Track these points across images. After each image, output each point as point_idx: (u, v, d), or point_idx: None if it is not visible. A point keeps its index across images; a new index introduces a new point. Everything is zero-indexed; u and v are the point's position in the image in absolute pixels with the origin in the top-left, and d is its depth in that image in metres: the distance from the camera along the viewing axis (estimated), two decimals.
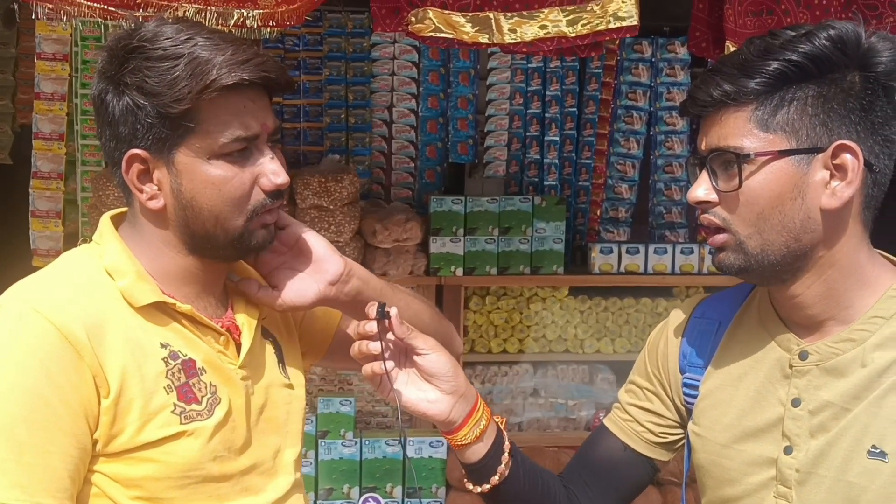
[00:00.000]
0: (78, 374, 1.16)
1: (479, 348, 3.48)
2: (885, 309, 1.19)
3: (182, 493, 1.22)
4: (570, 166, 3.65)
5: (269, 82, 1.24)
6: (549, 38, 2.16)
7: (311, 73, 3.50)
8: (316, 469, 3.24)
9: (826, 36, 1.14)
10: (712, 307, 1.39)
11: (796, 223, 1.17)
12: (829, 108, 1.15)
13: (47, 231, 3.31)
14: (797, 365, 1.22)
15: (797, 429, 1.21)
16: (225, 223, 1.24)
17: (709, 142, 1.20)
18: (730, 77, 1.17)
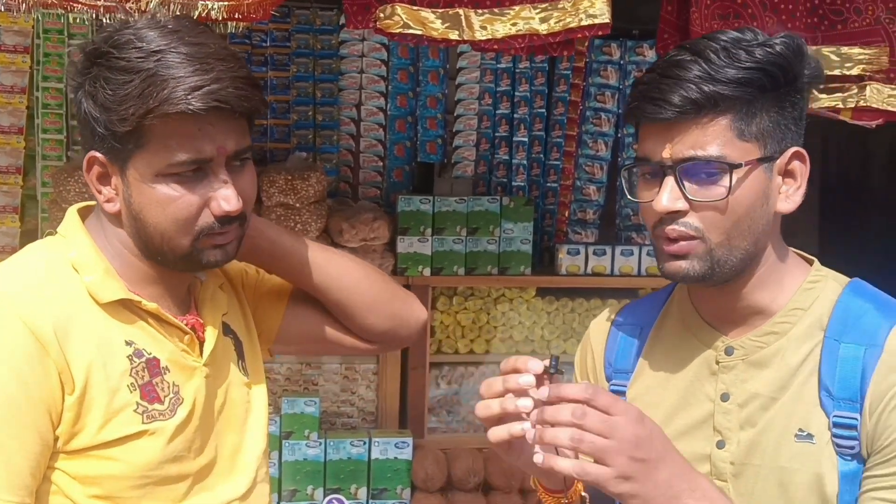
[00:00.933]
0: (43, 370, 1.15)
1: (446, 349, 3.47)
2: (802, 301, 1.24)
3: (140, 492, 1.21)
4: (539, 167, 3.65)
5: (221, 111, 1.17)
6: (521, 36, 2.15)
7: (279, 69, 3.46)
8: (280, 470, 3.21)
9: (783, 45, 1.18)
10: (632, 313, 1.40)
11: (759, 228, 1.21)
12: (786, 115, 1.20)
13: (3, 226, 3.25)
14: (723, 361, 1.26)
15: (727, 422, 1.25)
16: (170, 241, 1.22)
17: (678, 150, 1.18)
18: (707, 82, 1.16)
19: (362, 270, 1.46)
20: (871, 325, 1.19)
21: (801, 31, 2.33)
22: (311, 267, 1.41)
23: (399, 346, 1.52)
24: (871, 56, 2.29)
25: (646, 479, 1.09)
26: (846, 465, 1.17)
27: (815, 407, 1.19)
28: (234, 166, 1.23)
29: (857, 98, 2.32)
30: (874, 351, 1.17)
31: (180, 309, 1.31)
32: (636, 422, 1.09)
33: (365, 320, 1.46)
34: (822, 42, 2.33)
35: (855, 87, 2.33)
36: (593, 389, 1.10)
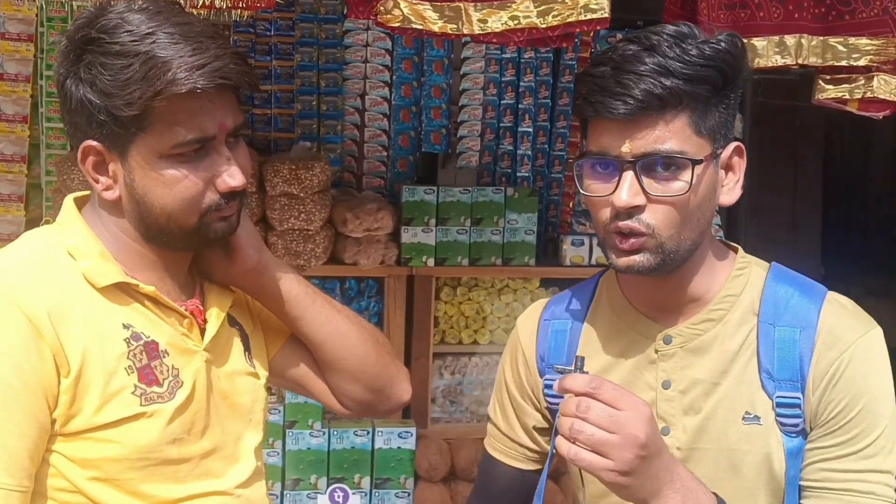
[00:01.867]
0: (38, 354, 1.15)
1: (449, 339, 3.47)
2: (733, 287, 1.28)
3: (139, 474, 1.21)
4: (543, 158, 3.64)
5: (226, 88, 1.21)
6: (520, 29, 2.15)
7: (283, 58, 3.45)
8: (283, 459, 3.22)
9: (729, 43, 1.19)
10: (560, 307, 1.40)
11: (706, 220, 1.25)
12: (730, 112, 1.24)
13: (8, 215, 3.25)
14: (662, 349, 1.28)
15: (671, 409, 1.27)
16: (178, 220, 1.23)
17: (639, 145, 1.17)
18: (667, 77, 1.15)
19: (359, 337, 1.43)
20: (801, 307, 1.25)
21: (808, 22, 2.32)
22: (308, 320, 1.39)
23: (374, 416, 1.53)
24: (878, 47, 2.28)
25: (642, 474, 1.10)
26: (790, 441, 1.23)
27: (757, 389, 1.24)
28: (231, 143, 1.25)
29: (865, 89, 2.32)
30: (809, 332, 1.23)
31: (182, 293, 1.32)
32: (646, 420, 1.10)
33: (346, 386, 1.44)
34: (830, 32, 2.32)
35: (862, 77, 2.32)
36: (598, 382, 1.11)
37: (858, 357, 1.22)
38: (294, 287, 1.39)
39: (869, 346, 1.23)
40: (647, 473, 1.11)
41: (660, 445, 1.13)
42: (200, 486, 1.27)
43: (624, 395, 1.12)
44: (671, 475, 1.13)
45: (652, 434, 1.11)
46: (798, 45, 2.30)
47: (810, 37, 2.31)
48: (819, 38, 2.31)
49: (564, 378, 1.13)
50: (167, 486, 1.24)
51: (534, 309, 1.45)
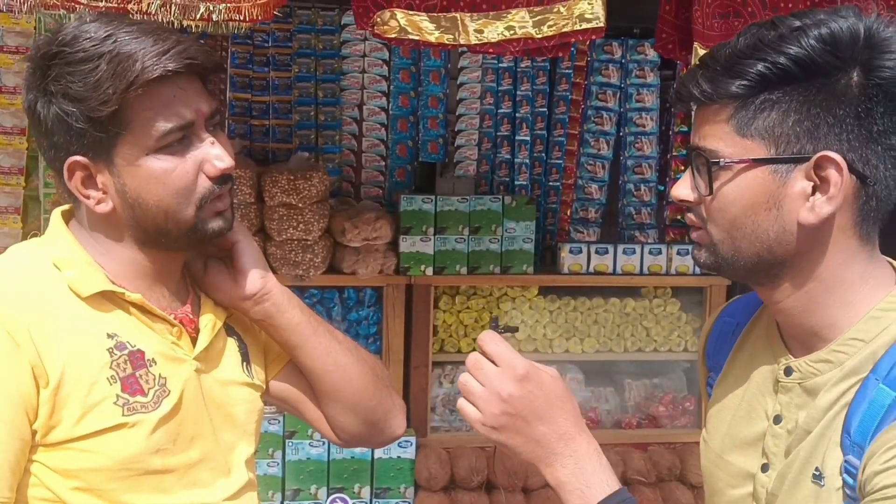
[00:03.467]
0: (17, 366, 1.15)
1: (448, 348, 3.47)
2: (865, 331, 1.09)
3: (122, 484, 1.21)
4: (541, 166, 3.65)
5: (195, 68, 1.22)
6: (516, 39, 2.16)
7: (281, 69, 3.46)
8: (283, 469, 3.22)
9: (816, 35, 1.04)
10: (737, 307, 1.33)
11: (770, 235, 1.09)
12: (816, 115, 1.05)
13: (5, 227, 3.25)
14: (782, 380, 1.16)
15: (775, 447, 1.16)
16: (175, 216, 1.23)
17: (693, 138, 1.14)
18: (712, 75, 1.09)
19: (358, 369, 1.43)
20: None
21: None
22: (310, 349, 1.39)
23: (366, 447, 1.53)
24: None
25: (515, 434, 1.11)
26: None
27: (835, 446, 1.08)
28: (210, 130, 1.26)
29: None
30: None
31: (173, 301, 1.31)
32: (514, 380, 1.10)
33: (341, 417, 1.44)
34: None
35: None
36: (488, 336, 1.13)
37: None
38: (297, 315, 1.39)
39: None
40: (525, 435, 1.10)
41: (541, 410, 1.10)
42: (187, 497, 1.26)
43: (506, 352, 1.12)
44: (567, 448, 1.10)
45: (519, 395, 1.10)
46: None
47: None
48: None
49: (481, 336, 1.16)
50: (151, 496, 1.23)
51: (728, 303, 1.39)
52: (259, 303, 1.35)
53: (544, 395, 1.11)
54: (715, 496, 1.27)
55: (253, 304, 1.35)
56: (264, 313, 1.36)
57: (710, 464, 1.27)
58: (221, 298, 1.35)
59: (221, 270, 1.36)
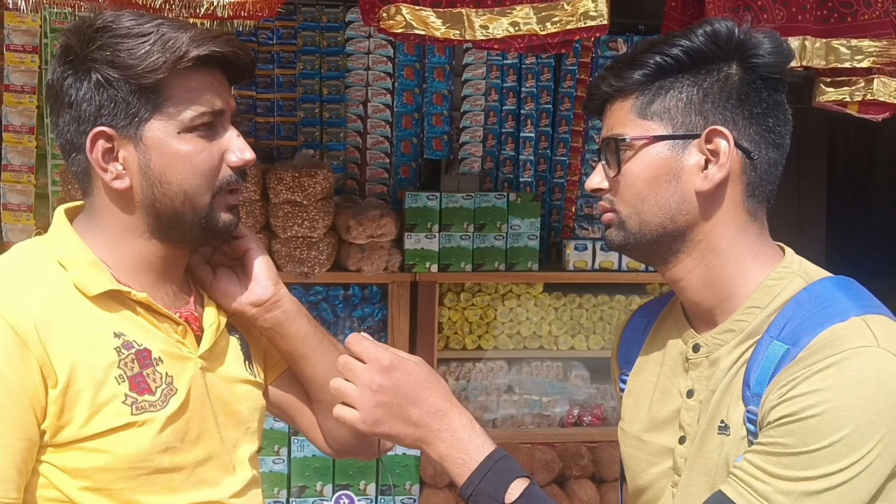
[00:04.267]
0: (25, 366, 1.15)
1: (453, 345, 3.47)
2: (761, 298, 1.22)
3: (131, 484, 1.21)
4: (546, 163, 3.65)
5: (237, 59, 1.26)
6: (520, 36, 2.17)
7: (285, 66, 3.47)
8: (289, 466, 3.22)
9: (702, 32, 1.22)
10: (648, 308, 1.45)
11: (672, 205, 1.22)
12: (704, 97, 1.21)
13: (19, 224, 3.27)
14: (691, 357, 1.27)
15: (690, 419, 1.26)
16: (193, 199, 1.25)
17: (602, 133, 1.29)
18: (617, 72, 1.25)
19: None
20: (807, 325, 1.14)
21: (811, 24, 2.33)
22: (315, 360, 1.40)
23: (357, 459, 1.54)
24: (881, 48, 2.29)
25: (393, 422, 1.20)
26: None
27: (737, 400, 1.19)
28: (233, 126, 1.30)
29: (865, 91, 2.32)
30: (796, 350, 1.13)
31: (177, 299, 1.31)
32: (380, 371, 1.19)
33: (336, 428, 1.43)
34: (832, 34, 2.32)
35: (862, 80, 2.32)
36: (354, 338, 1.22)
37: (830, 373, 1.09)
38: (304, 325, 1.39)
39: (850, 367, 1.08)
40: (403, 420, 1.20)
41: (411, 394, 1.20)
42: (195, 496, 1.26)
43: (371, 348, 1.21)
44: (442, 424, 1.20)
45: (388, 384, 1.19)
46: (802, 48, 2.31)
47: (813, 39, 2.32)
48: (822, 40, 2.32)
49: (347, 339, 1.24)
50: (160, 495, 1.23)
51: (637, 308, 1.51)
52: (270, 310, 1.36)
53: (412, 379, 1.21)
54: (636, 478, 1.34)
55: (264, 310, 1.36)
56: (274, 321, 1.37)
57: (629, 448, 1.36)
58: (231, 305, 1.35)
59: (231, 277, 1.36)
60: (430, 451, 1.21)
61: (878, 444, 1.07)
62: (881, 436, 1.07)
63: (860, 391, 1.07)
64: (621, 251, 1.30)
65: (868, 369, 1.09)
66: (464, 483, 1.19)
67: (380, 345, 1.23)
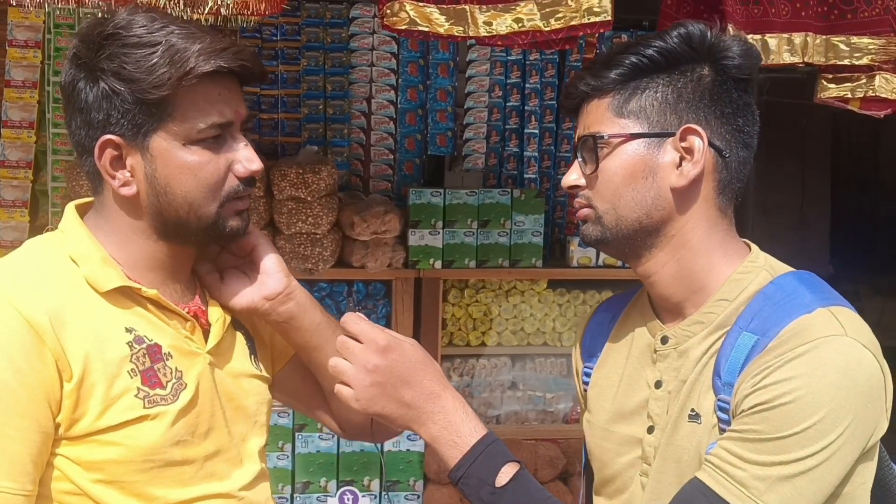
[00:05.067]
0: (40, 359, 1.16)
1: (457, 341, 3.48)
2: (729, 291, 1.25)
3: (144, 476, 1.22)
4: (549, 159, 3.65)
5: (245, 71, 1.26)
6: (524, 32, 2.18)
7: (289, 63, 3.46)
8: (293, 462, 3.23)
9: (676, 34, 1.25)
10: (612, 302, 1.48)
11: (648, 200, 1.25)
12: (679, 97, 1.25)
13: (12, 221, 3.25)
14: (660, 349, 1.30)
15: (658, 409, 1.28)
16: (198, 210, 1.25)
17: (578, 131, 1.31)
18: (595, 71, 1.28)
19: None
20: (774, 316, 1.19)
21: (812, 20, 2.33)
22: (326, 350, 1.39)
23: (370, 442, 1.55)
24: (880, 46, 2.29)
25: (386, 402, 1.22)
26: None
27: (708, 390, 1.22)
28: (243, 134, 1.30)
29: (866, 88, 2.32)
30: (766, 340, 1.17)
31: (185, 295, 1.33)
32: (376, 351, 1.22)
33: (350, 413, 1.44)
34: (832, 31, 2.32)
35: (864, 76, 2.32)
36: (351, 318, 1.24)
37: (801, 362, 1.12)
38: (318, 316, 1.40)
39: (820, 355, 1.12)
40: (396, 400, 1.22)
41: (405, 375, 1.22)
42: (204, 489, 1.28)
43: (369, 329, 1.23)
44: (435, 406, 1.23)
45: (384, 365, 1.21)
46: (804, 44, 2.31)
47: (815, 35, 2.32)
48: (822, 36, 2.32)
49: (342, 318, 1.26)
50: (172, 488, 1.25)
51: (598, 304, 1.53)
52: (284, 302, 1.36)
53: (407, 361, 1.23)
54: (604, 469, 1.37)
55: (278, 304, 1.36)
56: (288, 314, 1.37)
57: (596, 439, 1.39)
58: (244, 303, 1.35)
59: (240, 277, 1.37)
60: (422, 432, 1.24)
61: (847, 428, 1.11)
62: (849, 421, 1.11)
63: (830, 378, 1.12)
64: (597, 246, 1.33)
65: (837, 357, 1.13)
66: (454, 465, 1.21)
67: (376, 325, 1.25)
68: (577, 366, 1.49)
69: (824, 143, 4.24)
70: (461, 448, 1.21)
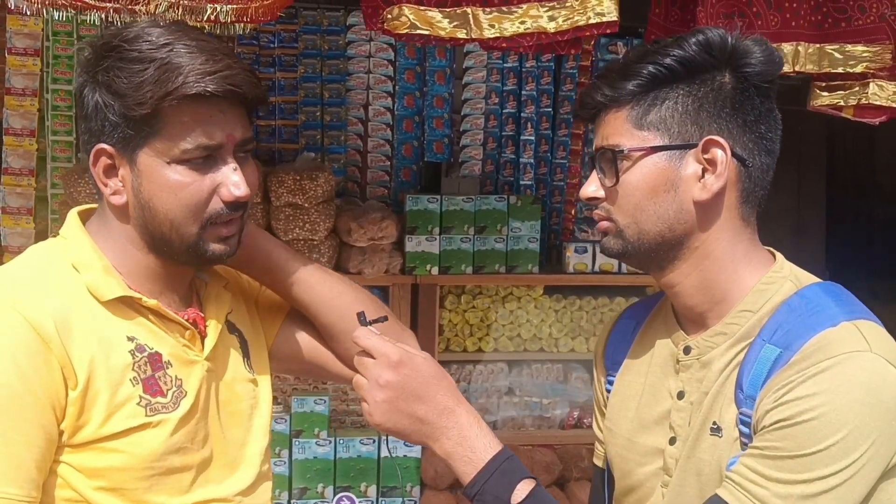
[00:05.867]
0: (46, 366, 1.17)
1: (454, 347, 3.48)
2: (752, 303, 1.23)
3: (145, 483, 1.23)
4: (546, 166, 3.66)
5: (237, 96, 1.24)
6: (529, 34, 2.16)
7: (287, 70, 3.48)
8: (290, 468, 3.23)
9: (695, 41, 1.21)
10: (635, 309, 1.46)
11: (670, 214, 1.23)
12: (700, 107, 1.22)
13: (18, 228, 3.27)
14: (682, 359, 1.28)
15: (681, 420, 1.27)
16: (179, 229, 1.25)
17: (596, 142, 1.28)
18: (611, 81, 1.25)
19: (354, 294, 1.44)
20: (798, 329, 1.16)
21: (805, 30, 2.34)
22: (302, 284, 1.41)
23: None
24: (874, 54, 2.29)
25: (399, 417, 1.21)
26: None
27: (730, 403, 1.20)
28: (239, 157, 1.28)
29: (860, 95, 2.32)
30: (788, 354, 1.15)
31: (182, 304, 1.34)
32: (389, 367, 1.20)
33: (351, 349, 1.42)
34: (826, 40, 2.33)
35: (857, 84, 2.33)
36: (363, 332, 1.24)
37: (825, 377, 1.10)
38: (283, 253, 1.42)
39: (844, 371, 1.10)
40: (409, 416, 1.20)
41: (418, 390, 1.20)
42: (202, 494, 1.29)
43: (381, 344, 1.22)
44: (449, 421, 1.21)
45: (395, 380, 1.20)
46: (795, 53, 2.31)
47: (807, 44, 2.31)
48: (815, 45, 2.32)
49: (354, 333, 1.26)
50: (171, 495, 1.25)
51: (624, 309, 1.50)
52: (246, 251, 1.36)
53: (420, 376, 1.21)
54: (626, 478, 1.35)
55: (241, 255, 1.35)
56: (252, 260, 1.39)
57: (619, 449, 1.36)
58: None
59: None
60: (437, 447, 1.22)
61: (871, 446, 1.09)
62: (874, 438, 1.09)
63: (854, 395, 1.09)
64: (618, 259, 1.31)
65: (861, 373, 1.10)
66: (469, 482, 1.20)
67: (388, 340, 1.24)
68: (598, 373, 1.47)
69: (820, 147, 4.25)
70: (476, 464, 1.20)
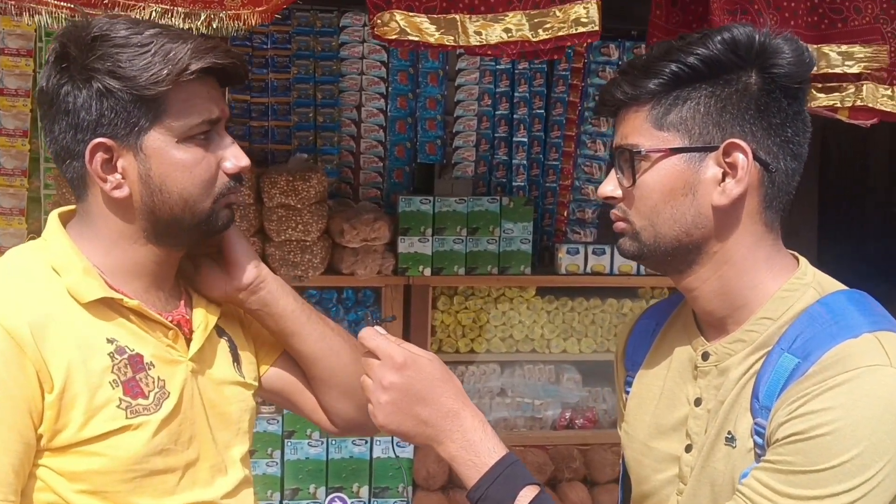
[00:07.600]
0: (21, 371, 1.16)
1: (446, 348, 3.49)
2: (773, 310, 1.19)
3: (128, 486, 1.22)
4: (538, 167, 3.67)
5: (234, 69, 1.29)
6: (513, 42, 2.19)
7: (280, 71, 3.48)
8: (282, 469, 3.23)
9: (720, 39, 1.16)
10: (655, 311, 1.43)
11: (688, 218, 1.19)
12: (722, 108, 1.17)
13: (11, 228, 3.27)
14: (701, 365, 1.25)
15: (697, 428, 1.24)
16: (194, 206, 1.27)
17: (615, 140, 1.25)
18: (632, 79, 1.20)
19: (352, 355, 1.43)
20: (818, 339, 1.12)
21: (802, 30, 2.35)
22: (305, 336, 1.42)
23: (362, 435, 1.55)
24: (870, 54, 2.31)
25: (403, 419, 1.19)
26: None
27: (745, 412, 1.18)
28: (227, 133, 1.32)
29: (854, 98, 2.34)
30: (805, 365, 1.11)
31: (169, 302, 1.33)
32: (393, 368, 1.18)
33: (337, 403, 1.46)
34: (823, 41, 2.34)
35: (852, 86, 2.34)
36: (368, 333, 1.22)
37: (841, 391, 1.07)
38: (291, 303, 1.41)
39: (861, 386, 1.07)
40: (413, 418, 1.18)
41: (423, 392, 1.18)
42: (188, 497, 1.28)
43: (385, 345, 1.20)
44: (453, 424, 1.18)
45: (400, 382, 1.18)
46: None
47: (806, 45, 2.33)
48: (813, 46, 2.34)
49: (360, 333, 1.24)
50: (155, 497, 1.24)
51: (646, 308, 1.47)
52: (255, 292, 1.38)
53: (424, 377, 1.19)
54: (642, 484, 1.33)
55: (249, 293, 1.38)
56: (260, 302, 1.39)
57: (635, 454, 1.34)
58: (217, 294, 1.38)
59: (213, 267, 1.39)
60: (441, 450, 1.19)
61: (886, 464, 1.06)
62: (890, 457, 1.06)
63: (871, 411, 1.06)
64: (635, 260, 1.28)
65: (879, 389, 1.07)
66: (473, 486, 1.17)
67: (393, 340, 1.22)
68: (619, 374, 1.45)
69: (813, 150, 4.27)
70: (479, 469, 1.16)
